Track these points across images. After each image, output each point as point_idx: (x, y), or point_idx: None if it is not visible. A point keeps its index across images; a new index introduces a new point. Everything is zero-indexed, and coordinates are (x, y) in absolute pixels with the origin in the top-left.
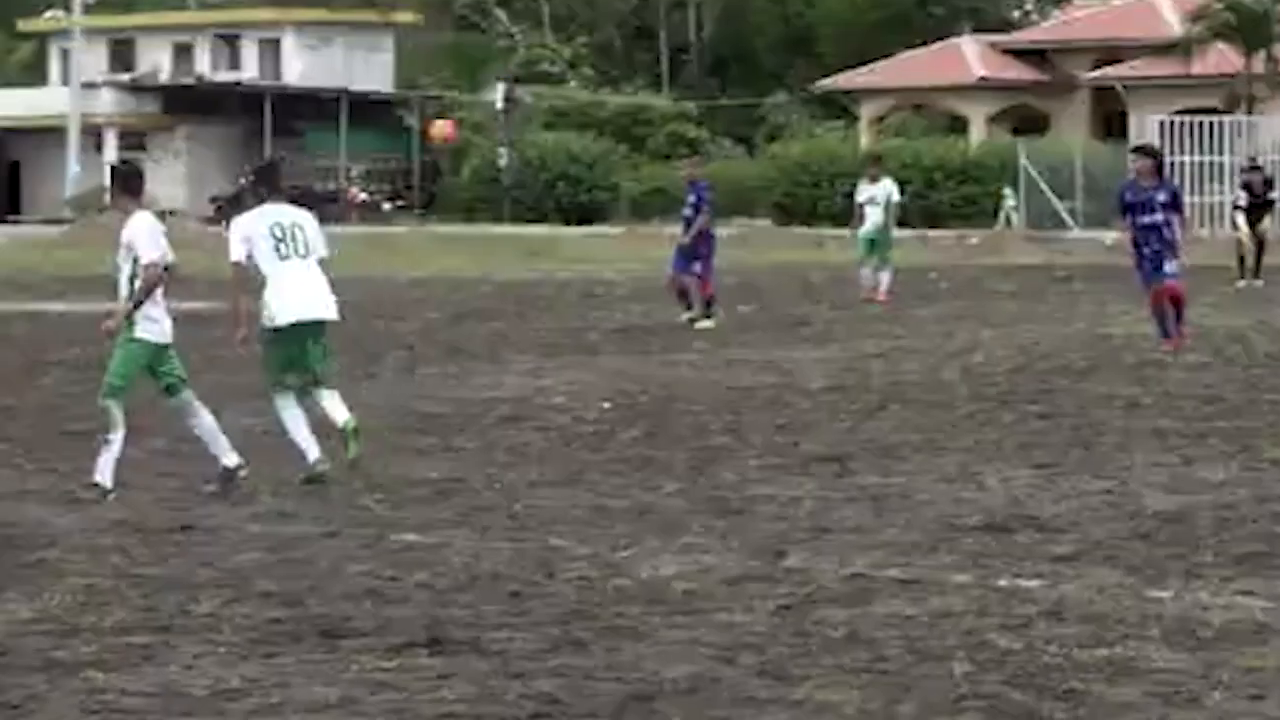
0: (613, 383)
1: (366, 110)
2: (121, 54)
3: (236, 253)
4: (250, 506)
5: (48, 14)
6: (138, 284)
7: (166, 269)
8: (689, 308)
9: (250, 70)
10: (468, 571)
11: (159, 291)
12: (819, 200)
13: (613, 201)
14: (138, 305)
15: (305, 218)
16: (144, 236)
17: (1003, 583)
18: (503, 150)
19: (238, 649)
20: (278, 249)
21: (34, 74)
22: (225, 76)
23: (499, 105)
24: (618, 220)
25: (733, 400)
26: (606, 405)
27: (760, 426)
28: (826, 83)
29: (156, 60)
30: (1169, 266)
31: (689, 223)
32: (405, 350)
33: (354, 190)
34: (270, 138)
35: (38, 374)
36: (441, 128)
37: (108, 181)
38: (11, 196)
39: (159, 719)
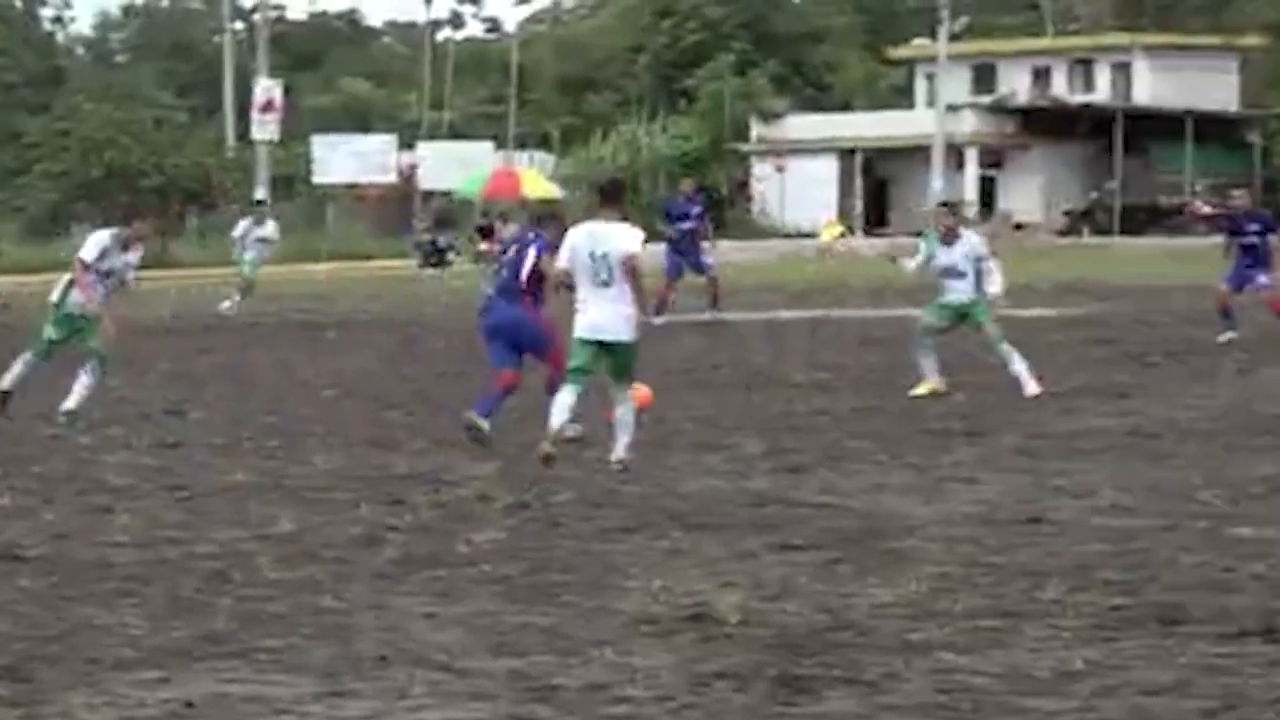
0: None
1: (1210, 128)
2: (983, 77)
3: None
4: (1092, 500)
5: (915, 41)
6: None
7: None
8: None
9: (1102, 92)
10: None
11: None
12: None
13: None
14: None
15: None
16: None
17: None
18: None
19: (1080, 634)
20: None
21: (901, 97)
22: (1078, 98)
23: None
24: None
25: None
26: None
27: None
28: None
29: (1014, 83)
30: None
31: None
32: (1243, 354)
33: (1198, 204)
34: (1121, 156)
35: (898, 375)
36: None
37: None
38: (879, 210)
39: (1006, 699)
